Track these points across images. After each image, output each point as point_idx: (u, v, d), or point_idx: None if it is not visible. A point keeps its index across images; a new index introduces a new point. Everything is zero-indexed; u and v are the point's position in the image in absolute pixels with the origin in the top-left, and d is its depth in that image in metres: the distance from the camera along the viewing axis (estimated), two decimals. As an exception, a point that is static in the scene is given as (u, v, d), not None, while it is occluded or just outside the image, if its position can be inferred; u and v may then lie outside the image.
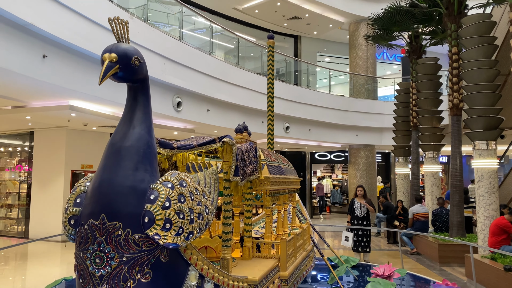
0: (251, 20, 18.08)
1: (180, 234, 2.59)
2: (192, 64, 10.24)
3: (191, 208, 2.70)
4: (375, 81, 18.32)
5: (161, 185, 2.62)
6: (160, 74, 9.15)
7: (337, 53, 21.77)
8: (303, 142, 16.34)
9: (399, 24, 12.17)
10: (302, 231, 5.38)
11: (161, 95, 9.49)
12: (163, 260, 2.63)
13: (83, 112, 8.50)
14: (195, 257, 2.89)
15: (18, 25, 5.95)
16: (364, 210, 9.03)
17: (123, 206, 2.51)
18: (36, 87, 7.05)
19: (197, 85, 10.48)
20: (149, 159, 2.71)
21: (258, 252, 4.34)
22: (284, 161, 5.49)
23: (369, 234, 9.06)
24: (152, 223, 2.50)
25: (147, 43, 8.72)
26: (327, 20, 17.86)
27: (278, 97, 13.66)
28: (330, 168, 24.34)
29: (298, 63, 18.03)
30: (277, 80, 15.61)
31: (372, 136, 17.66)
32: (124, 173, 2.57)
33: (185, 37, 13.68)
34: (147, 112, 2.89)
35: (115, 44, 2.67)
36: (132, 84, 2.86)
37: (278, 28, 18.89)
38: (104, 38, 7.51)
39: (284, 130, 14.54)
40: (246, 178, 3.99)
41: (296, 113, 14.63)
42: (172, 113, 9.87)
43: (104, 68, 2.53)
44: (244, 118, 12.70)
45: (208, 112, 11.19)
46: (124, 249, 2.47)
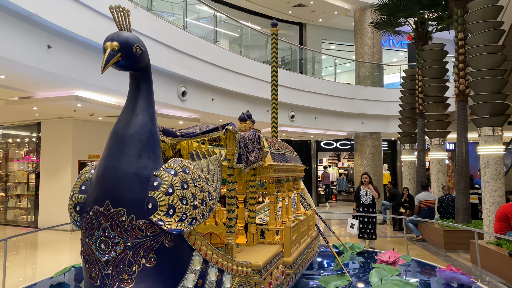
0: (256, 8, 17.97)
1: (184, 220, 2.63)
2: (196, 53, 10.23)
3: (194, 195, 2.73)
4: (381, 68, 18.19)
5: (165, 172, 2.65)
6: (165, 64, 9.16)
7: (343, 41, 21.60)
8: (308, 130, 16.33)
9: (405, 10, 12.04)
10: (306, 218, 5.42)
11: (165, 85, 9.52)
12: (167, 246, 2.67)
13: (89, 102, 8.56)
14: (199, 243, 2.93)
15: (22, 16, 5.98)
16: (370, 197, 9.05)
17: (127, 193, 2.55)
18: (41, 78, 7.10)
19: (202, 74, 10.48)
20: (152, 146, 2.75)
21: (262, 238, 4.39)
22: (288, 149, 5.51)
23: (375, 221, 9.09)
24: (156, 209, 2.54)
25: (151, 33, 8.72)
26: (332, 7, 17.71)
27: (283, 85, 13.65)
28: (336, 156, 24.33)
29: (303, 51, 17.94)
30: (282, 69, 15.58)
31: (378, 124, 17.60)
32: (127, 160, 2.61)
33: (190, 26, 13.64)
34: (150, 100, 2.91)
35: (117, 33, 2.69)
36: (134, 73, 2.88)
37: (283, 16, 18.77)
38: (108, 27, 7.52)
39: (289, 119, 14.54)
40: (249, 165, 4.02)
41: (301, 101, 14.61)
42: (177, 102, 9.90)
43: (106, 57, 2.55)
44: (249, 107, 12.71)
45: (213, 101, 11.21)
46: (128, 234, 2.51)
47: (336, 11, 18.15)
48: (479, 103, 8.14)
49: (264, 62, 13.53)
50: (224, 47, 12.35)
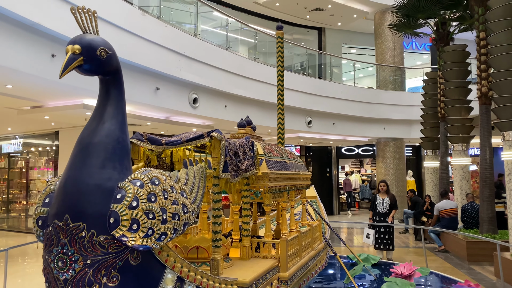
0: (273, 14, 17.80)
1: (150, 236, 2.44)
2: (208, 60, 10.11)
3: (164, 208, 2.54)
4: (403, 72, 17.66)
5: (129, 184, 2.47)
6: (175, 71, 9.07)
7: (363, 44, 21.13)
8: (327, 136, 15.96)
9: (424, 11, 11.60)
10: (310, 229, 5.14)
11: (176, 92, 9.42)
12: (133, 263, 2.48)
13: (98, 110, 8.54)
14: (172, 259, 2.73)
15: (25, 25, 5.99)
16: (386, 206, 8.65)
17: (87, 206, 2.38)
18: (47, 87, 7.11)
19: (214, 81, 10.35)
20: (118, 156, 2.57)
21: (257, 251, 4.15)
22: (291, 156, 5.27)
23: (392, 231, 8.67)
24: (118, 224, 2.37)
25: (161, 40, 8.65)
26: (351, 10, 17.35)
27: (299, 91, 13.41)
28: (358, 162, 23.76)
29: (322, 56, 17.64)
30: (300, 74, 15.32)
31: (400, 129, 17.05)
32: (89, 171, 2.44)
33: (206, 34, 13.61)
34: (120, 106, 2.74)
35: (80, 35, 2.54)
36: (103, 77, 2.73)
37: (301, 21, 18.53)
38: (114, 35, 7.49)
39: (307, 125, 14.23)
40: (240, 174, 3.80)
41: (319, 106, 14.28)
42: (188, 109, 9.79)
43: (65, 61, 2.40)
44: (263, 113, 12.51)
45: (226, 107, 11.05)
46: (88, 251, 2.34)
47: (355, 15, 17.77)
48: (502, 106, 7.66)
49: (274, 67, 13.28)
50: (237, 53, 12.22)
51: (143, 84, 8.48)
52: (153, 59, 8.45)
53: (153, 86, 8.74)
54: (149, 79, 8.63)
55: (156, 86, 8.79)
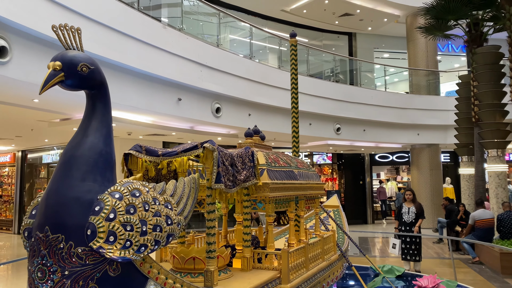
0: (301, 21, 17.75)
1: (128, 247, 2.46)
2: (230, 69, 10.20)
3: (144, 220, 2.55)
4: (437, 75, 17.09)
5: (108, 196, 2.50)
6: (197, 81, 9.21)
7: (396, 48, 20.63)
8: (357, 143, 15.65)
9: (454, 12, 11.19)
10: (321, 240, 5.02)
11: (199, 102, 9.55)
12: (112, 275, 2.51)
13: (122, 121, 8.80)
14: (155, 271, 2.74)
15: (46, 42, 6.26)
16: (412, 215, 8.33)
17: (66, 218, 2.43)
18: (72, 100, 7.38)
19: (237, 90, 10.41)
20: (100, 169, 2.62)
21: (259, 263, 4.09)
22: (301, 165, 5.18)
23: (419, 242, 8.33)
24: (95, 235, 2.40)
25: (182, 52, 8.82)
26: (381, 14, 17.01)
27: (327, 97, 13.26)
28: (394, 170, 23.10)
29: (353, 61, 17.39)
30: (330, 81, 15.15)
31: (435, 135, 16.47)
32: (69, 183, 2.50)
33: (235, 44, 13.76)
34: (105, 120, 2.79)
35: (62, 52, 2.62)
36: (89, 92, 2.79)
37: (330, 27, 18.37)
38: (134, 49, 7.72)
39: (335, 132, 14.01)
40: (239, 185, 3.78)
41: (347, 113, 14.05)
42: (211, 119, 9.89)
43: (45, 77, 2.48)
44: (288, 121, 12.39)
45: (249, 116, 11.08)
46: (66, 262, 2.38)
47: (385, 18, 17.40)
48: (535, 109, 7.22)
49: (304, 75, 13.21)
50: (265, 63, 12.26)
51: (165, 95, 8.66)
52: (174, 71, 8.62)
53: (175, 97, 8.91)
54: (171, 90, 8.80)
55: (178, 96, 8.95)
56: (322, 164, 20.56)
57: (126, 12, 7.72)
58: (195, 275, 3.56)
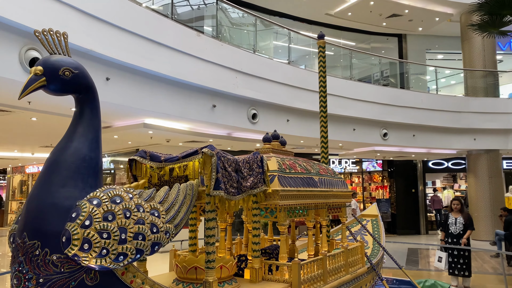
0: (347, 24, 17.27)
1: (105, 256, 2.37)
2: (267, 75, 10.07)
3: (123, 227, 2.46)
4: (496, 76, 15.88)
5: (86, 202, 2.44)
6: (232, 88, 9.17)
7: (451, 49, 19.47)
8: (407, 149, 14.86)
9: (510, 6, 10.31)
10: (344, 252, 4.71)
11: (234, 108, 9.50)
12: (89, 283, 2.43)
13: (158, 129, 8.93)
14: (139, 281, 2.64)
15: (79, 52, 6.47)
16: (459, 226, 7.69)
17: (42, 224, 2.40)
18: (108, 108, 7.59)
19: (274, 96, 10.25)
20: (82, 175, 2.57)
21: (270, 274, 3.88)
22: (324, 172, 4.91)
23: (468, 255, 7.65)
24: (70, 242, 2.34)
25: (216, 58, 8.82)
26: (431, 13, 16.14)
27: (372, 101, 12.74)
28: (451, 177, 21.72)
29: (404, 64, 16.64)
30: (376, 84, 14.57)
31: (495, 140, 15.28)
32: (48, 189, 2.47)
33: (281, 49, 13.65)
34: (91, 124, 2.75)
35: (45, 57, 2.61)
36: (76, 96, 2.77)
37: (378, 29, 17.71)
38: (168, 57, 7.81)
39: (381, 137, 13.40)
40: (245, 191, 3.61)
41: (395, 117, 13.39)
42: (247, 125, 9.80)
43: (25, 82, 2.47)
44: (331, 126, 11.94)
45: (288, 122, 10.86)
46: (41, 270, 2.34)
47: (437, 18, 16.48)
48: None
49: (346, 78, 12.79)
50: (299, 67, 12.01)
51: (199, 102, 8.69)
52: (209, 78, 8.63)
53: (210, 104, 8.91)
54: (205, 97, 8.82)
55: (213, 103, 8.95)
56: (372, 171, 19.79)
57: (159, 22, 7.85)
58: (197, 285, 3.43)
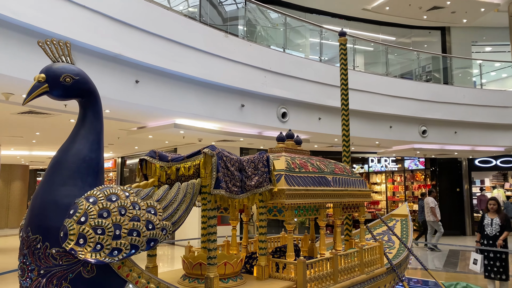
0: (386, 18, 16.85)
1: (99, 250, 2.53)
2: (297, 73, 10.05)
3: (118, 224, 2.61)
4: (547, 68, 14.90)
5: (83, 200, 2.61)
6: (260, 87, 9.24)
7: (500, 40, 18.48)
8: (448, 147, 14.29)
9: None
10: (359, 251, 4.66)
11: (263, 107, 9.57)
12: (86, 276, 2.60)
13: (189, 129, 9.18)
14: (135, 274, 2.78)
15: (108, 57, 6.81)
16: (495, 227, 7.33)
17: (44, 220, 2.59)
18: (141, 110, 7.91)
19: (305, 94, 10.23)
20: (82, 174, 2.74)
21: (278, 272, 3.92)
22: (340, 171, 4.88)
23: (506, 258, 7.29)
24: (67, 237, 2.52)
25: (245, 58, 8.94)
26: (476, 4, 15.39)
27: (409, 98, 12.39)
28: (501, 176, 20.60)
29: (446, 58, 15.99)
30: (418, 80, 14.13)
31: (547, 136, 14.35)
32: (50, 188, 2.66)
33: (319, 46, 13.56)
34: (93, 127, 2.92)
35: (48, 65, 2.80)
36: (79, 100, 2.95)
37: (418, 22, 17.13)
38: (196, 59, 8.01)
39: (420, 134, 12.98)
40: (250, 190, 3.69)
41: (434, 114, 12.94)
42: (277, 124, 9.84)
43: (29, 89, 2.67)
44: (365, 123, 11.86)
45: (319, 120, 10.79)
46: (42, 262, 2.54)
47: (482, 8, 15.69)
48: None
49: (382, 75, 12.49)
50: (331, 64, 11.84)
51: (228, 102, 8.84)
52: (237, 78, 8.76)
53: (239, 103, 9.04)
54: (234, 97, 8.96)
55: (242, 103, 9.07)
56: (414, 169, 19.18)
57: (187, 24, 8.07)
58: (202, 281, 3.54)
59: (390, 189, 20.33)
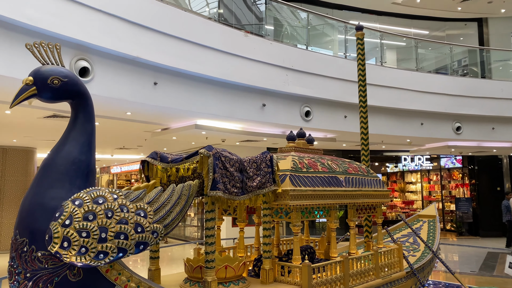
0: (418, 12, 16.24)
1: (84, 254, 2.50)
2: (321, 70, 9.83)
3: (104, 227, 2.57)
4: None
5: (69, 203, 2.59)
6: (282, 86, 9.10)
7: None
8: (486, 143, 13.56)
9: None
10: (373, 254, 4.44)
11: (285, 106, 9.42)
12: (72, 279, 2.58)
13: (210, 129, 9.15)
14: (124, 278, 2.73)
15: (126, 59, 6.87)
16: (533, 229, 6.85)
17: (30, 223, 2.58)
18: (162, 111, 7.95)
19: (330, 92, 9.98)
20: (70, 177, 2.72)
21: (283, 276, 3.78)
22: (354, 171, 4.68)
23: (544, 262, 6.79)
24: (51, 240, 2.49)
25: (265, 57, 8.81)
26: (514, -8, 14.57)
27: (442, 93, 11.88)
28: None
29: (484, 51, 15.21)
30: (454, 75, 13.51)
31: None
32: (37, 190, 2.65)
33: (348, 43, 13.25)
34: (84, 128, 2.90)
35: (36, 68, 2.79)
36: (71, 102, 2.93)
37: (453, 14, 16.40)
38: (215, 58, 7.97)
39: (454, 131, 12.39)
40: (251, 191, 3.57)
41: (469, 109, 12.31)
42: (300, 123, 9.65)
43: (17, 92, 2.67)
44: (396, 121, 11.46)
45: (345, 118, 10.50)
46: (28, 265, 2.53)
47: (522, -4, 14.84)
48: None
49: (412, 70, 12.02)
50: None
51: (248, 101, 8.75)
52: (257, 77, 8.65)
53: (259, 103, 8.93)
54: (254, 96, 8.85)
55: (263, 102, 8.96)
56: (451, 168, 18.38)
57: (206, 25, 8.03)
58: (202, 284, 3.46)
59: (426, 188, 19.61)
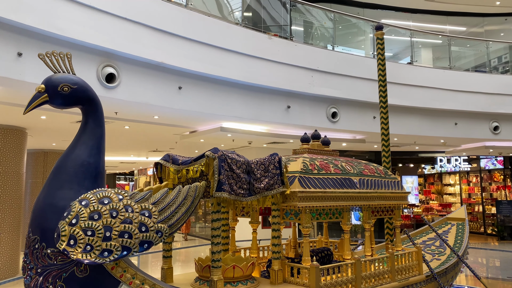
0: (454, 8, 15.71)
1: (89, 251, 2.64)
2: (348, 71, 9.72)
3: (109, 226, 2.70)
4: None
5: (76, 203, 2.74)
6: (307, 87, 9.08)
7: None
8: (527, 144, 12.93)
9: None
10: (389, 257, 4.37)
11: (310, 108, 9.38)
12: (79, 275, 2.72)
13: (236, 132, 9.25)
14: (129, 275, 2.85)
15: (151, 65, 7.10)
16: None
17: (41, 222, 2.76)
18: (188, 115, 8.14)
19: (357, 92, 9.84)
20: (79, 178, 2.87)
21: (292, 277, 3.80)
22: (369, 172, 4.62)
23: None
24: (59, 238, 2.65)
25: (290, 59, 8.83)
26: (558, -17, 13.81)
27: (477, 91, 11.46)
28: None
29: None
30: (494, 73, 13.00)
31: None
32: (48, 191, 2.83)
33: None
34: (94, 133, 3.05)
35: (48, 76, 2.97)
36: (81, 107, 3.09)
37: (491, 9, 15.77)
38: (238, 61, 8.08)
39: (491, 131, 11.89)
40: (259, 193, 3.63)
41: (508, 108, 11.78)
42: (327, 124, 9.59)
43: (30, 98, 2.86)
44: (428, 121, 11.16)
45: (374, 119, 10.32)
46: (39, 261, 2.70)
47: None
48: None
49: (445, 69, 11.64)
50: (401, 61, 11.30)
51: (273, 103, 8.79)
52: (282, 79, 8.69)
53: (284, 105, 8.96)
54: (279, 98, 8.89)
55: (287, 104, 8.98)
56: (492, 169, 17.63)
57: (229, 29, 8.16)
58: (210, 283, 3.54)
59: (465, 190, 18.88)
